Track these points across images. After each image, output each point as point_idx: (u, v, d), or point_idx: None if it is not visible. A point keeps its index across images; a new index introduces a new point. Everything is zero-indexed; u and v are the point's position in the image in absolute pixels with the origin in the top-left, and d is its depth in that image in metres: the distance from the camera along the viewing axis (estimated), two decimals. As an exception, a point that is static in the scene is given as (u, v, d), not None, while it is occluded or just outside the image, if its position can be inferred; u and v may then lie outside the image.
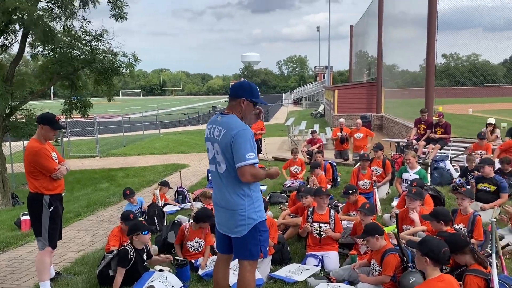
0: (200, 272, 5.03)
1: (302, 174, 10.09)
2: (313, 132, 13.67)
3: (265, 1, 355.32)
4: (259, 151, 13.17)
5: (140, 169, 14.74)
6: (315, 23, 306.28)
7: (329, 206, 5.83)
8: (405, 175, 7.73)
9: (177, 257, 5.14)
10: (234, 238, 3.54)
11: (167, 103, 75.22)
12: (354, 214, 6.36)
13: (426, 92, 14.49)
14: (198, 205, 7.60)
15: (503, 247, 4.86)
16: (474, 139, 11.87)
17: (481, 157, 8.72)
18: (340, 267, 5.06)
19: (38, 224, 4.69)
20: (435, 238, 3.59)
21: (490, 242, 5.10)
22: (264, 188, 9.31)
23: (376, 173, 8.44)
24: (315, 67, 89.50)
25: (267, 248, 3.70)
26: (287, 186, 9.42)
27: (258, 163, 3.40)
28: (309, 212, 5.56)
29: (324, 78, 62.15)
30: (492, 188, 6.67)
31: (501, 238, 5.29)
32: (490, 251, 4.51)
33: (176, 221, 6.56)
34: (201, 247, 5.39)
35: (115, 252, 4.97)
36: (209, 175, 10.18)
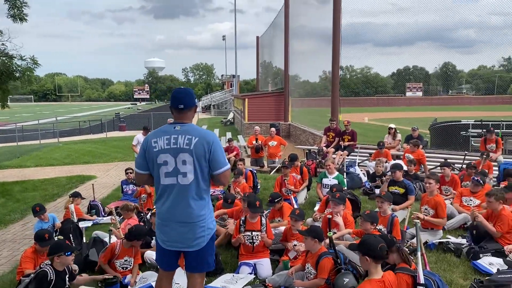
0: (131, 290, 4.77)
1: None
2: (229, 140, 13.74)
3: (169, 7, 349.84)
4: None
5: (40, 182, 13.50)
6: (220, 32, 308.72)
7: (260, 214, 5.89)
8: (325, 180, 8.14)
9: (106, 276, 4.80)
10: (191, 252, 3.42)
11: (64, 110, 70.17)
12: (279, 220, 6.52)
13: (332, 102, 15.43)
14: (118, 218, 7.19)
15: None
16: (375, 145, 12.98)
17: (386, 161, 9.53)
18: (273, 273, 5.15)
19: None
20: (371, 236, 3.83)
21: (406, 240, 5.61)
22: None
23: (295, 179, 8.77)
24: (222, 75, 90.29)
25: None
26: (208, 195, 9.33)
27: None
28: (241, 222, 5.58)
29: (231, 86, 62.98)
30: (402, 190, 7.33)
31: (413, 237, 5.80)
32: (407, 249, 4.95)
33: (96, 237, 6.14)
34: (130, 265, 5.12)
35: (32, 275, 4.48)
36: (123, 187, 9.67)
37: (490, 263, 5.06)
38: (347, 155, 11.83)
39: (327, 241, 4.77)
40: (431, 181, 6.31)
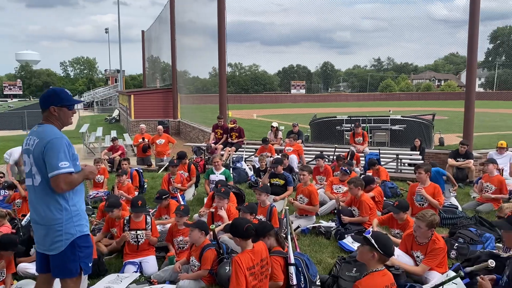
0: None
1: (106, 183, 9.75)
2: (114, 139, 13.27)
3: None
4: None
5: None
6: (103, 24, 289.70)
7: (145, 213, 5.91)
8: (212, 176, 8.43)
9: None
10: (52, 255, 3.37)
11: None
12: (166, 218, 6.60)
13: (220, 99, 15.74)
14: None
15: (294, 230, 5.89)
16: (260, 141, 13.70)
17: (271, 156, 10.16)
18: (159, 269, 5.24)
19: None
20: (239, 219, 4.22)
21: (284, 227, 6.11)
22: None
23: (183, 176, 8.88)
24: (105, 70, 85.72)
25: (90, 265, 3.58)
26: (91, 197, 8.97)
27: (73, 172, 3.32)
28: (125, 221, 5.56)
29: (116, 82, 60.21)
30: (282, 182, 7.95)
31: (291, 222, 6.36)
32: (284, 235, 5.43)
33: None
34: (3, 276, 4.77)
35: None
36: (-3, 192, 8.83)
37: (353, 241, 5.79)
38: (235, 151, 12.28)
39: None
40: (305, 172, 6.98)
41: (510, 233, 3.84)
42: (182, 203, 7.41)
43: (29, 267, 5.20)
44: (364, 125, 13.96)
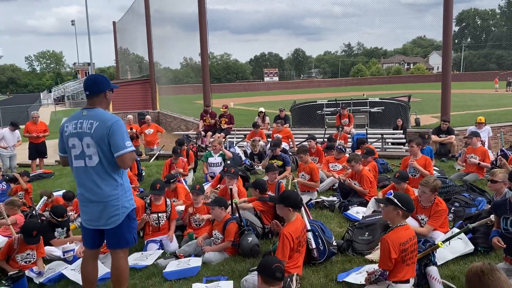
0: (42, 279, 4.70)
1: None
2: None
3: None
4: (43, 155, 12.09)
5: None
6: (67, 16, 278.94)
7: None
8: (211, 159, 8.84)
9: (10, 273, 4.57)
10: (108, 229, 3.63)
11: None
12: (174, 201, 6.87)
13: (204, 88, 15.96)
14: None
15: (306, 203, 6.32)
16: (246, 127, 14.05)
17: (260, 140, 10.49)
18: (179, 246, 5.53)
19: None
20: (293, 192, 4.57)
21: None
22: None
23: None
24: (74, 63, 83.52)
25: (136, 236, 3.88)
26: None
27: (135, 150, 3.60)
28: (146, 204, 5.81)
29: (86, 75, 58.93)
30: (280, 163, 8.35)
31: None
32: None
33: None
34: (33, 258, 4.96)
35: None
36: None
37: (357, 212, 6.25)
38: (224, 137, 12.57)
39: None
40: (301, 155, 7.46)
41: None
42: (186, 187, 7.72)
43: (54, 250, 5.40)
44: (349, 107, 14.46)
